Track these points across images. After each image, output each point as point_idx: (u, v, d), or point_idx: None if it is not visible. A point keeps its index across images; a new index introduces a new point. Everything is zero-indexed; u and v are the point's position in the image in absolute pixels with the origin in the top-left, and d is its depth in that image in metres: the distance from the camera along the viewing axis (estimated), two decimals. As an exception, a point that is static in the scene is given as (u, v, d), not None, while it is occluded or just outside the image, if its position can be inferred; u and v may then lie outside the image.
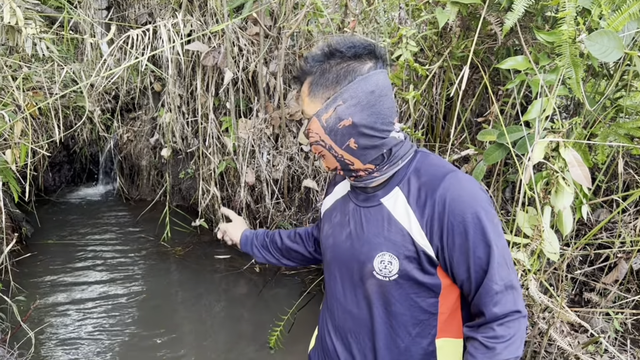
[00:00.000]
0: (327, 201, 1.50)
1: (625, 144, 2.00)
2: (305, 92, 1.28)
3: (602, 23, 1.71)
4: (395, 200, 1.27)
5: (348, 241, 1.34)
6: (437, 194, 1.21)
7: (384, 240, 1.26)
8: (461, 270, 1.22)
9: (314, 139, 1.29)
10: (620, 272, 2.24)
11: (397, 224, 1.25)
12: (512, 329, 1.19)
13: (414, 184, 1.26)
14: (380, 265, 1.26)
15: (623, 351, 2.24)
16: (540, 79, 1.92)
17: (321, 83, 1.24)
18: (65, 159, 5.37)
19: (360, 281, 1.32)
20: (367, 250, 1.28)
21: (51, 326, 3.29)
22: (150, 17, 4.51)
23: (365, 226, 1.31)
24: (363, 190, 1.35)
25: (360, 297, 1.33)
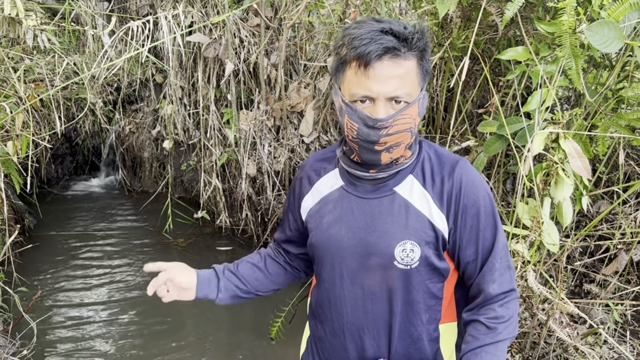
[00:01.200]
0: (307, 201, 1.40)
1: (626, 135, 2.00)
2: (409, 71, 1.15)
3: (603, 13, 1.70)
4: (411, 188, 1.27)
5: (358, 234, 1.28)
6: (454, 178, 1.25)
7: (403, 228, 1.25)
8: (469, 252, 1.27)
9: (408, 125, 1.17)
10: (620, 263, 2.24)
11: (416, 211, 1.25)
12: (510, 310, 1.27)
13: (428, 171, 1.28)
14: (402, 254, 1.25)
15: (622, 342, 2.24)
16: (540, 69, 1.91)
17: (425, 66, 1.18)
18: (67, 151, 5.38)
19: (377, 273, 1.28)
20: (386, 240, 1.25)
21: (53, 317, 3.31)
22: (151, 8, 4.50)
23: (379, 217, 1.27)
24: (368, 182, 1.29)
25: (375, 290, 1.30)
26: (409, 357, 1.34)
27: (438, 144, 2.57)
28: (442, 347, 1.37)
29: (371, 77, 1.12)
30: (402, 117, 1.15)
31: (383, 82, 1.12)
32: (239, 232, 4.27)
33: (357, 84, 1.15)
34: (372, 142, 1.17)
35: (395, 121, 1.15)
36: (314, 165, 1.41)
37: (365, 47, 1.11)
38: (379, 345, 1.34)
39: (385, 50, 1.11)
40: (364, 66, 1.12)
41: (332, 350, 1.41)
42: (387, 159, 1.22)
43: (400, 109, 1.15)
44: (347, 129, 1.21)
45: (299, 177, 1.44)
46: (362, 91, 1.14)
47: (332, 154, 1.40)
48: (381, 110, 1.14)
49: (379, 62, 1.11)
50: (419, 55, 1.16)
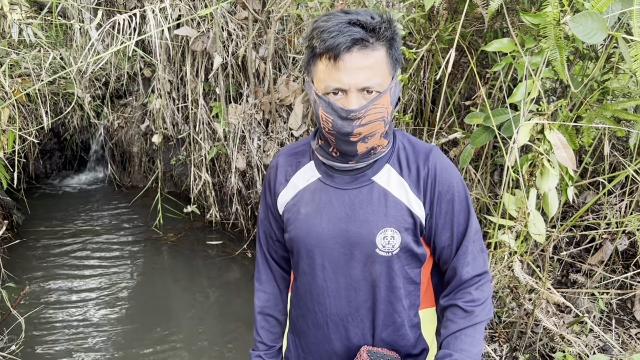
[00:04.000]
0: (284, 196, 1.40)
1: (610, 126, 2.02)
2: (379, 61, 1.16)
3: (587, 4, 1.71)
4: (389, 177, 1.29)
5: (339, 225, 1.29)
6: (429, 165, 1.29)
7: (383, 216, 1.27)
8: (445, 237, 1.31)
9: (380, 115, 1.19)
10: (606, 252, 2.27)
11: (395, 199, 1.28)
12: (485, 292, 1.32)
13: (403, 159, 1.31)
14: (384, 241, 1.28)
15: (608, 331, 2.27)
16: (525, 61, 1.92)
17: (394, 55, 1.19)
18: (56, 146, 5.34)
19: (360, 262, 1.30)
20: (367, 229, 1.27)
21: (42, 312, 3.30)
22: (138, 1, 4.46)
23: (359, 207, 1.29)
24: (346, 173, 1.31)
25: (358, 278, 1.32)
26: (393, 344, 1.37)
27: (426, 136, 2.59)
28: (424, 332, 1.41)
29: (341, 69, 1.14)
30: (374, 107, 1.17)
31: (353, 73, 1.14)
32: (229, 226, 4.27)
33: (328, 76, 1.16)
34: (347, 134, 1.19)
35: (367, 111, 1.17)
36: (287, 161, 1.41)
37: (333, 40, 1.12)
38: (364, 334, 1.37)
39: (353, 42, 1.12)
40: (333, 59, 1.13)
41: (315, 343, 1.43)
42: (363, 149, 1.24)
43: (372, 99, 1.17)
44: (322, 122, 1.23)
45: (273, 175, 1.43)
46: (333, 83, 1.16)
47: (304, 147, 1.41)
48: (353, 101, 1.16)
49: (348, 54, 1.13)
50: (387, 45, 1.17)
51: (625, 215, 2.29)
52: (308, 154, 1.39)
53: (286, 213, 1.38)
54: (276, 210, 1.43)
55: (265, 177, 1.48)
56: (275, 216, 1.44)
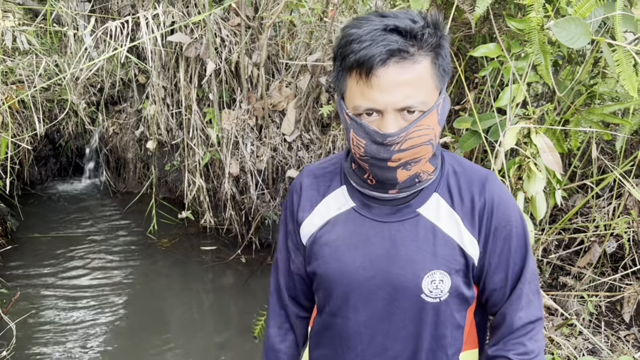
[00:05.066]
0: (309, 224, 1.20)
1: (596, 129, 2.04)
2: (422, 75, 0.97)
3: (570, 10, 1.73)
4: (437, 209, 1.11)
5: (377, 265, 1.10)
6: (485, 196, 1.11)
7: (431, 256, 1.09)
8: (498, 278, 1.13)
9: (426, 138, 1.00)
10: (594, 255, 2.29)
11: (445, 236, 1.10)
12: (539, 342, 1.16)
13: (454, 187, 1.12)
14: (431, 285, 1.09)
15: (597, 333, 2.28)
16: (512, 66, 1.95)
17: (442, 65, 1.00)
18: (51, 153, 5.35)
19: (401, 308, 1.12)
20: (412, 271, 1.09)
21: (34, 318, 3.30)
22: (132, 8, 4.48)
23: (402, 244, 1.10)
24: (386, 203, 1.12)
25: (399, 326, 1.13)
26: None
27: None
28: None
29: (375, 86, 0.95)
30: (418, 128, 0.98)
31: (390, 91, 0.95)
32: (223, 231, 4.27)
33: (359, 94, 0.98)
34: (383, 160, 1.01)
35: (408, 135, 0.98)
36: (314, 183, 1.21)
37: (365, 52, 0.93)
38: None
39: (390, 54, 0.93)
40: (365, 74, 0.95)
41: None
42: (404, 177, 1.05)
43: (414, 119, 0.97)
44: (353, 146, 1.04)
45: (296, 199, 1.23)
46: (365, 103, 0.97)
47: (334, 168, 1.21)
48: (390, 124, 0.97)
49: (383, 68, 0.93)
50: (433, 54, 0.97)
51: (613, 218, 2.31)
52: (339, 177, 1.19)
53: (312, 245, 1.19)
54: (298, 239, 1.23)
55: (287, 199, 1.27)
56: (297, 245, 1.25)
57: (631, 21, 1.72)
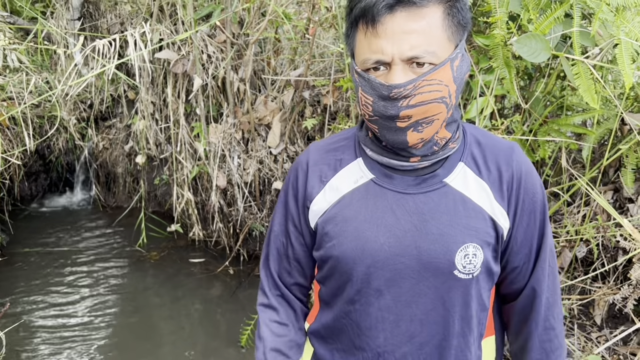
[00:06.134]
0: (319, 203, 1.10)
1: (561, 139, 2.14)
2: (433, 25, 0.91)
3: (530, 27, 1.84)
4: (465, 178, 1.04)
5: (404, 240, 1.02)
6: (513, 166, 1.05)
7: (463, 229, 1.01)
8: (522, 255, 1.09)
9: (437, 94, 0.93)
10: (565, 260, 2.37)
11: (476, 206, 1.03)
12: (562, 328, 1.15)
13: (479, 157, 1.06)
14: (464, 260, 1.01)
15: (571, 335, 2.36)
16: (479, 79, 2.05)
17: (457, 17, 0.93)
18: (41, 168, 5.40)
19: (431, 288, 1.03)
20: (443, 245, 1.01)
21: (24, 332, 3.34)
22: (122, 26, 4.58)
23: (430, 216, 1.01)
24: (410, 173, 1.04)
25: (427, 308, 1.04)
26: None
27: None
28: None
29: (382, 35, 0.90)
30: (427, 82, 0.91)
31: (396, 40, 0.89)
32: (211, 243, 4.34)
33: (367, 46, 0.93)
34: (390, 118, 0.94)
35: (417, 88, 0.91)
36: (324, 157, 1.12)
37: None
38: None
39: (397, 0, 0.89)
40: (371, 22, 0.90)
41: None
42: (415, 140, 0.97)
43: (424, 72, 0.92)
44: (362, 106, 0.98)
45: (301, 176, 1.13)
46: (373, 55, 0.92)
47: (347, 142, 1.13)
48: (397, 75, 0.91)
49: (389, 16, 0.89)
50: (446, 4, 0.92)
51: (583, 224, 2.40)
52: (353, 149, 1.11)
53: (325, 225, 1.08)
54: (304, 222, 1.14)
55: (288, 179, 1.17)
56: (301, 229, 1.15)
57: (588, 37, 1.82)
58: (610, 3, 1.78)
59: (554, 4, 1.82)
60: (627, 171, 2.29)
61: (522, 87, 2.48)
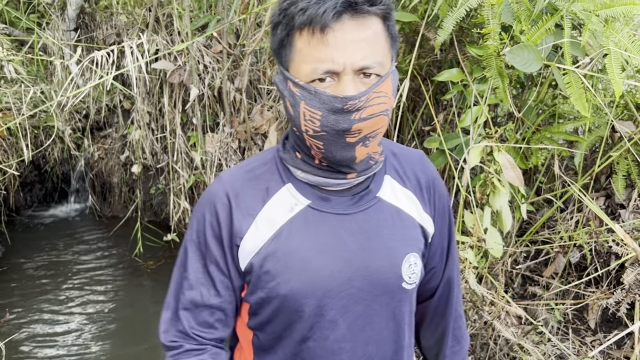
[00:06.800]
0: (252, 239, 0.98)
1: (553, 146, 2.18)
2: (377, 34, 0.88)
3: (522, 37, 1.88)
4: (393, 191, 1.04)
5: (353, 263, 0.98)
6: (427, 173, 1.09)
7: (403, 240, 1.02)
8: (438, 254, 1.13)
9: (383, 107, 0.90)
10: (559, 265, 2.41)
11: (408, 216, 1.04)
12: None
13: (399, 168, 1.07)
14: (409, 271, 1.01)
15: (566, 340, 2.40)
16: (473, 89, 2.09)
17: (392, 29, 0.92)
18: (36, 179, 5.40)
19: (383, 305, 1.01)
20: (391, 259, 1.00)
21: (22, 342, 3.33)
22: (118, 37, 4.62)
23: (373, 233, 0.99)
24: (344, 193, 1.00)
25: (381, 326, 1.02)
26: None
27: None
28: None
29: (331, 43, 0.84)
30: (376, 95, 0.88)
31: (347, 49, 0.85)
32: (208, 252, 4.35)
33: (313, 56, 0.86)
34: (342, 132, 0.88)
35: (369, 100, 0.87)
36: (245, 188, 1.00)
37: (317, 6, 0.84)
38: None
39: (344, 7, 0.84)
40: (319, 30, 0.84)
41: None
42: (363, 155, 0.93)
43: (373, 84, 0.88)
44: (304, 122, 0.90)
45: (223, 213, 0.99)
46: (321, 64, 0.86)
47: (267, 167, 1.03)
48: (348, 87, 0.86)
49: (339, 24, 0.84)
50: (384, 15, 0.89)
51: (576, 229, 2.44)
52: (277, 175, 1.01)
53: (263, 263, 0.97)
54: (232, 263, 1.00)
55: (199, 219, 1.01)
56: (228, 273, 1.01)
57: (578, 47, 1.87)
58: (599, 14, 1.84)
59: (545, 16, 1.87)
60: (618, 178, 2.34)
61: (515, 96, 2.53)
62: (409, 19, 2.21)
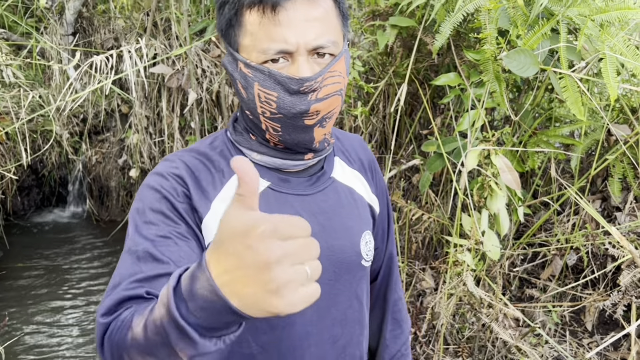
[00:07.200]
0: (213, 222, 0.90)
1: (549, 149, 2.20)
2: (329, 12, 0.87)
3: (519, 42, 1.90)
4: (344, 171, 1.06)
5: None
6: (367, 154, 1.12)
7: (358, 218, 1.04)
8: (380, 235, 1.16)
9: (338, 86, 0.89)
10: (555, 268, 2.43)
11: (360, 196, 1.06)
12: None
13: (344, 150, 1.10)
14: (366, 248, 1.03)
15: (563, 342, 2.41)
16: (470, 93, 2.11)
17: (342, 6, 0.90)
18: (34, 183, 5.40)
19: (346, 284, 1.01)
20: (350, 238, 1.00)
21: (21, 344, 3.33)
22: (115, 41, 4.63)
23: (333, 213, 0.99)
24: (304, 173, 1.00)
25: (344, 306, 1.02)
26: None
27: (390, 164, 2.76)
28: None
29: (284, 22, 0.82)
30: (331, 74, 0.87)
31: (300, 28, 0.83)
32: (206, 256, 4.35)
33: (265, 36, 0.83)
34: (300, 114, 0.86)
35: (325, 80, 0.86)
36: (200, 170, 0.93)
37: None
38: None
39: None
40: (270, 9, 0.81)
41: None
42: (320, 136, 0.92)
43: (327, 64, 0.87)
44: (259, 104, 0.87)
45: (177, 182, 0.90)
46: (274, 44, 0.83)
47: (218, 151, 0.97)
48: (304, 67, 0.84)
49: (289, 2, 0.82)
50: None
51: (573, 232, 2.46)
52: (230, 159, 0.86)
53: None
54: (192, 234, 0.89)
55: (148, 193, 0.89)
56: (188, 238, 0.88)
57: (574, 51, 1.90)
58: (595, 19, 1.86)
59: (542, 20, 1.89)
60: (614, 180, 2.36)
61: (511, 99, 2.55)
62: (407, 23, 2.24)
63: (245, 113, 0.95)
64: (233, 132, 0.99)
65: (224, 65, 0.92)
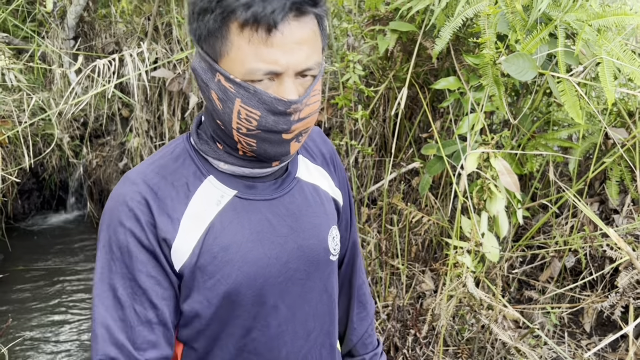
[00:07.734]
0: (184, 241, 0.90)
1: (548, 152, 2.23)
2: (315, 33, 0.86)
3: (518, 47, 1.93)
4: (307, 169, 1.08)
5: (287, 245, 0.98)
6: (327, 147, 1.14)
7: (324, 215, 1.06)
8: (343, 224, 1.19)
9: (317, 106, 0.90)
10: (554, 270, 2.45)
11: (324, 192, 1.09)
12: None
13: (306, 146, 1.12)
14: (333, 243, 1.07)
15: (562, 343, 2.44)
16: (470, 96, 2.14)
17: (323, 25, 0.89)
18: (34, 186, 5.41)
19: (317, 280, 1.04)
20: (317, 236, 1.03)
21: (23, 346, 3.34)
22: (117, 45, 4.66)
23: (300, 213, 1.01)
24: (269, 178, 1.00)
25: (315, 301, 1.05)
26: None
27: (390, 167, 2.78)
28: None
29: (276, 44, 0.80)
30: (313, 94, 0.88)
31: (292, 51, 0.82)
32: (207, 259, 4.37)
33: (254, 55, 0.81)
34: (279, 132, 0.87)
35: (308, 101, 0.87)
36: (163, 187, 0.91)
37: (263, 4, 0.78)
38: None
39: (291, 6, 0.80)
40: (265, 30, 0.79)
41: None
42: (295, 149, 0.93)
43: (310, 85, 0.88)
44: (237, 120, 0.86)
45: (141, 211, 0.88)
46: (264, 65, 0.81)
47: (180, 162, 0.95)
48: (290, 89, 0.84)
49: (283, 24, 0.80)
50: (320, 12, 0.86)
51: (571, 234, 2.49)
52: (194, 168, 0.95)
53: (198, 263, 0.91)
54: (163, 272, 0.90)
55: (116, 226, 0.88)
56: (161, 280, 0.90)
57: (572, 56, 1.93)
58: (592, 24, 1.89)
59: (540, 25, 1.92)
60: (611, 183, 2.39)
61: (510, 103, 2.58)
62: (407, 28, 2.26)
63: (215, 122, 0.93)
64: (197, 140, 0.97)
65: (193, 69, 0.90)
